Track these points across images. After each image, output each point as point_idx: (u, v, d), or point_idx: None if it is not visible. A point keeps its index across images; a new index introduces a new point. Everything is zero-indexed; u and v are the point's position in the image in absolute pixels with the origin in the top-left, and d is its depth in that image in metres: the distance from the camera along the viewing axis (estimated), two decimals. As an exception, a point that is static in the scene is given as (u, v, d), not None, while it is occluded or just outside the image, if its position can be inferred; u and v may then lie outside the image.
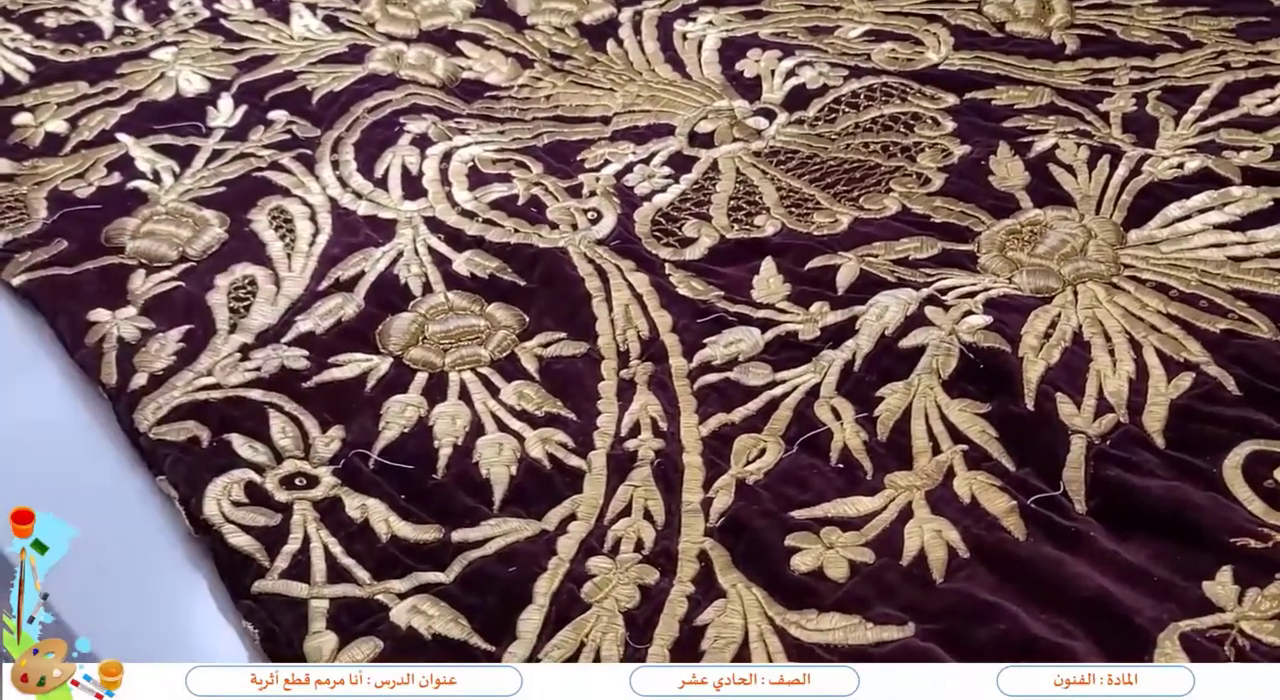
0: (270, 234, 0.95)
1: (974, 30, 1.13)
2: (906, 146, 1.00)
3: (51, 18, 1.23)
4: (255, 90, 1.11)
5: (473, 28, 1.18)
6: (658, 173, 0.99)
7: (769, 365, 0.82)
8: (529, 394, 0.82)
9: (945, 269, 0.89)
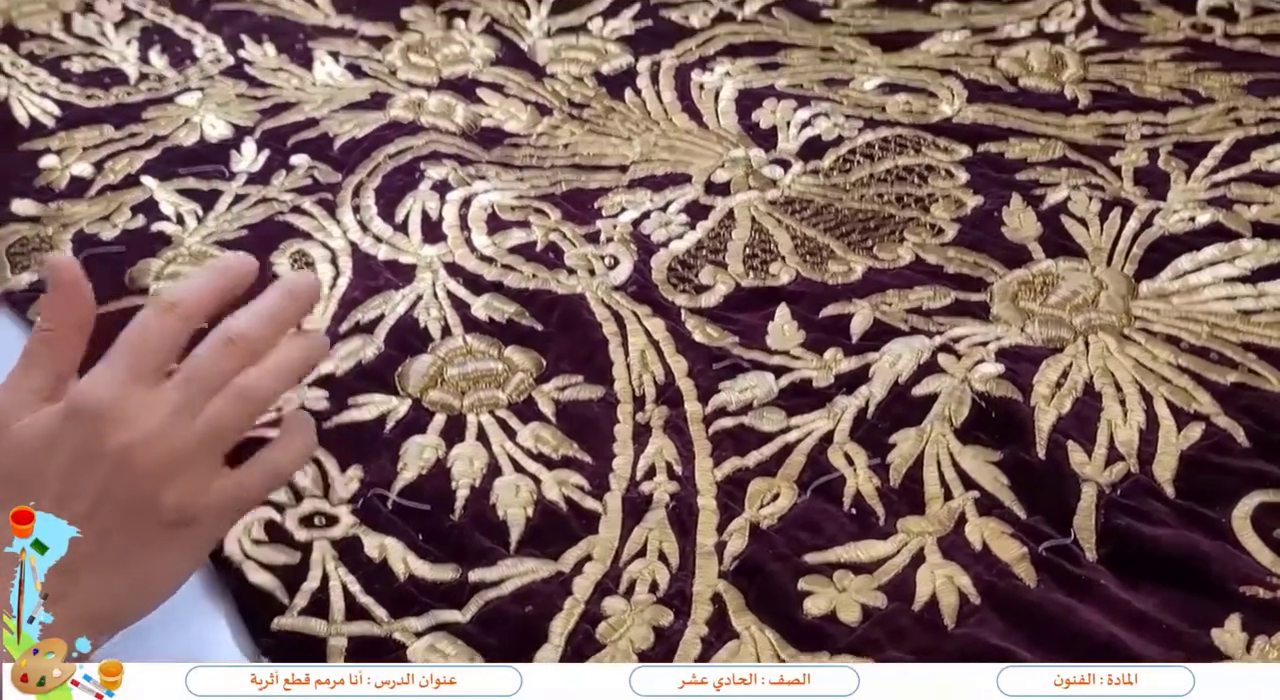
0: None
1: (987, 84, 1.15)
2: (920, 197, 1.01)
3: (78, 63, 1.24)
4: (278, 136, 1.12)
5: (492, 76, 1.20)
6: (674, 220, 1.00)
7: (783, 411, 0.83)
8: (546, 437, 0.82)
9: (958, 318, 0.90)
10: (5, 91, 1.19)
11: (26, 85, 1.20)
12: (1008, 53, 1.19)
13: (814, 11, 1.28)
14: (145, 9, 1.33)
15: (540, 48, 1.24)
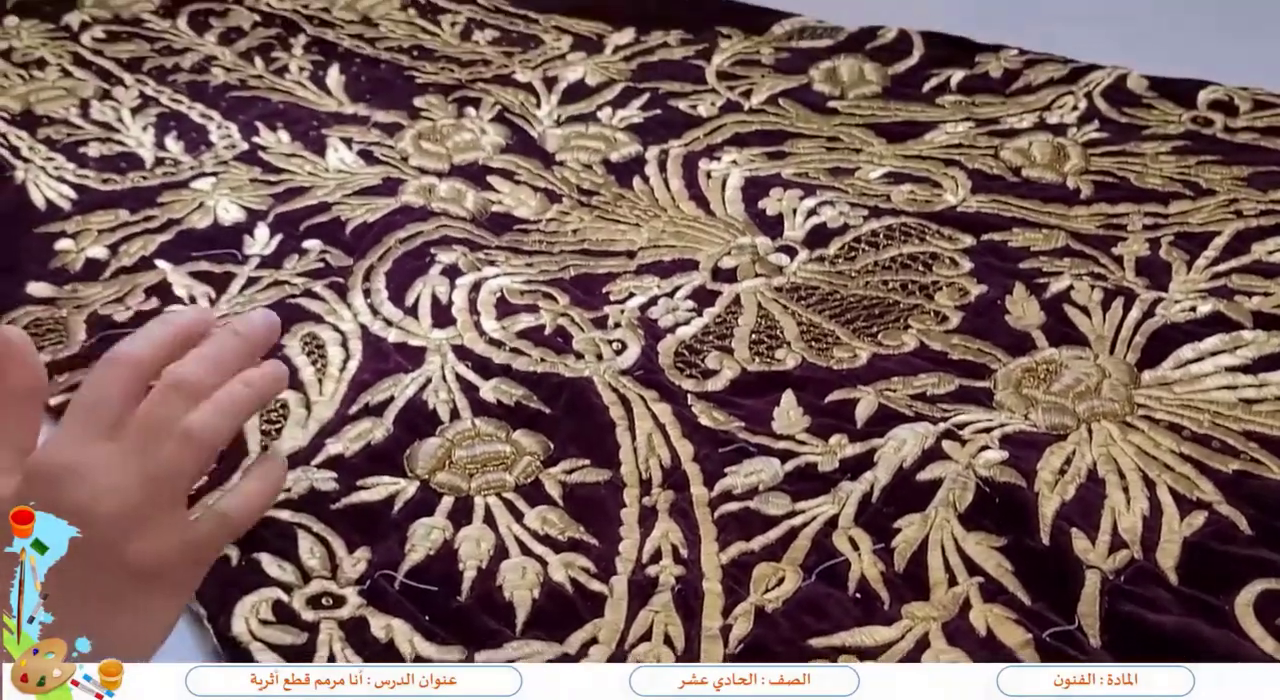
0: (302, 359, 0.97)
1: (991, 174, 1.16)
2: (925, 285, 1.02)
3: (95, 148, 1.26)
4: (291, 220, 1.14)
5: (503, 163, 1.22)
6: (681, 306, 1.02)
7: (788, 495, 0.84)
8: (553, 519, 0.83)
9: (962, 405, 0.90)
10: (23, 175, 1.21)
11: (44, 169, 1.22)
12: (1011, 144, 1.20)
13: (820, 102, 1.30)
14: (162, 95, 1.36)
15: (550, 136, 1.26)
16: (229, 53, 1.45)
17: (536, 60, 1.41)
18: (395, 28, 1.50)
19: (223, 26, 1.51)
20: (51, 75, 1.40)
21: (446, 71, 1.40)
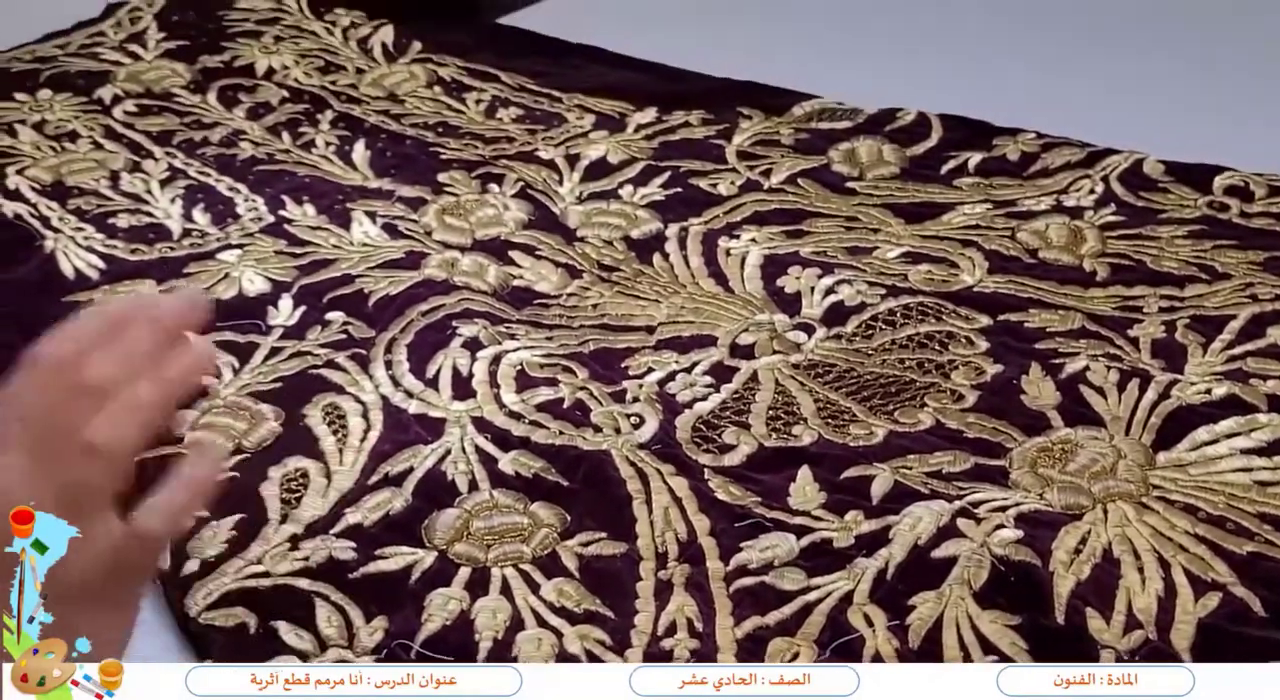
0: (323, 429, 0.98)
1: (1007, 255, 1.17)
2: (941, 364, 1.03)
3: (124, 219, 1.28)
4: (315, 292, 1.15)
5: (525, 238, 1.23)
6: (699, 381, 1.02)
7: (804, 571, 0.84)
8: (569, 591, 0.83)
9: (977, 483, 0.91)
10: (52, 245, 1.23)
11: (73, 239, 1.24)
12: (1028, 226, 1.22)
13: (839, 182, 1.32)
14: (191, 168, 1.38)
15: (572, 212, 1.28)
16: (257, 127, 1.47)
17: (559, 138, 1.43)
18: (421, 104, 1.53)
19: (251, 102, 1.54)
20: (83, 147, 1.42)
21: (470, 148, 1.42)
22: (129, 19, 1.74)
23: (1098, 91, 1.53)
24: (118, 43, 1.68)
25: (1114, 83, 1.55)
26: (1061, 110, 1.44)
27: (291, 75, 1.60)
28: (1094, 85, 1.55)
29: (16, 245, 1.24)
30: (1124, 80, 1.56)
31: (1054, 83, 1.56)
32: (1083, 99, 1.51)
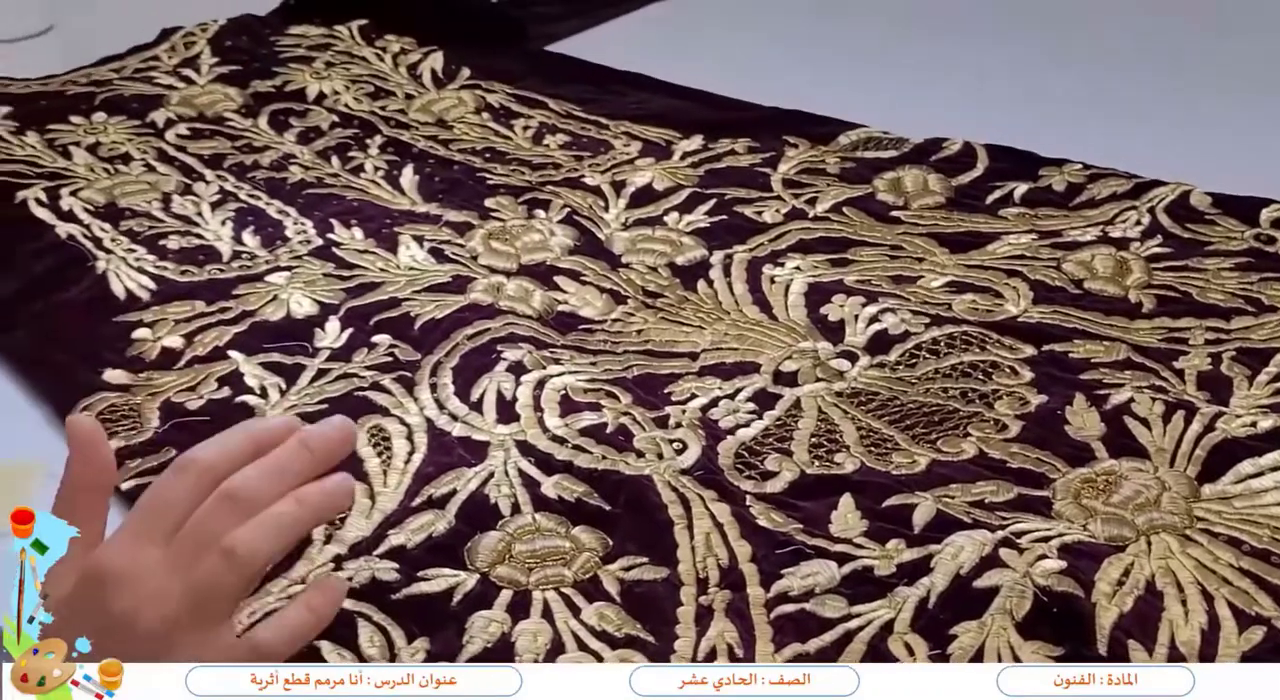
0: (368, 451, 0.98)
1: (1053, 286, 1.17)
2: (985, 393, 1.03)
3: (174, 240, 1.30)
4: (361, 315, 1.16)
5: (570, 264, 1.24)
6: (742, 408, 1.03)
7: (845, 598, 0.84)
8: (609, 615, 0.84)
9: (1021, 513, 0.91)
10: (104, 266, 1.24)
11: (125, 260, 1.26)
12: (1073, 257, 1.21)
13: (884, 211, 1.32)
14: (241, 191, 1.39)
15: (617, 238, 1.28)
16: (307, 151, 1.49)
17: (605, 165, 1.44)
18: (469, 130, 1.54)
19: (302, 126, 1.56)
20: (136, 170, 1.44)
21: (517, 174, 1.43)
22: (183, 44, 1.77)
23: (1144, 123, 1.53)
24: (171, 67, 1.71)
25: (1161, 116, 1.55)
26: (1107, 141, 1.44)
27: (342, 100, 1.62)
28: (1141, 118, 1.55)
29: (69, 266, 1.25)
30: (1172, 113, 1.56)
31: (1101, 115, 1.57)
32: (1129, 130, 1.51)
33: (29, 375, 1.11)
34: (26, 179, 1.41)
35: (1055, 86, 1.66)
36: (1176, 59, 1.72)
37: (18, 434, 1.04)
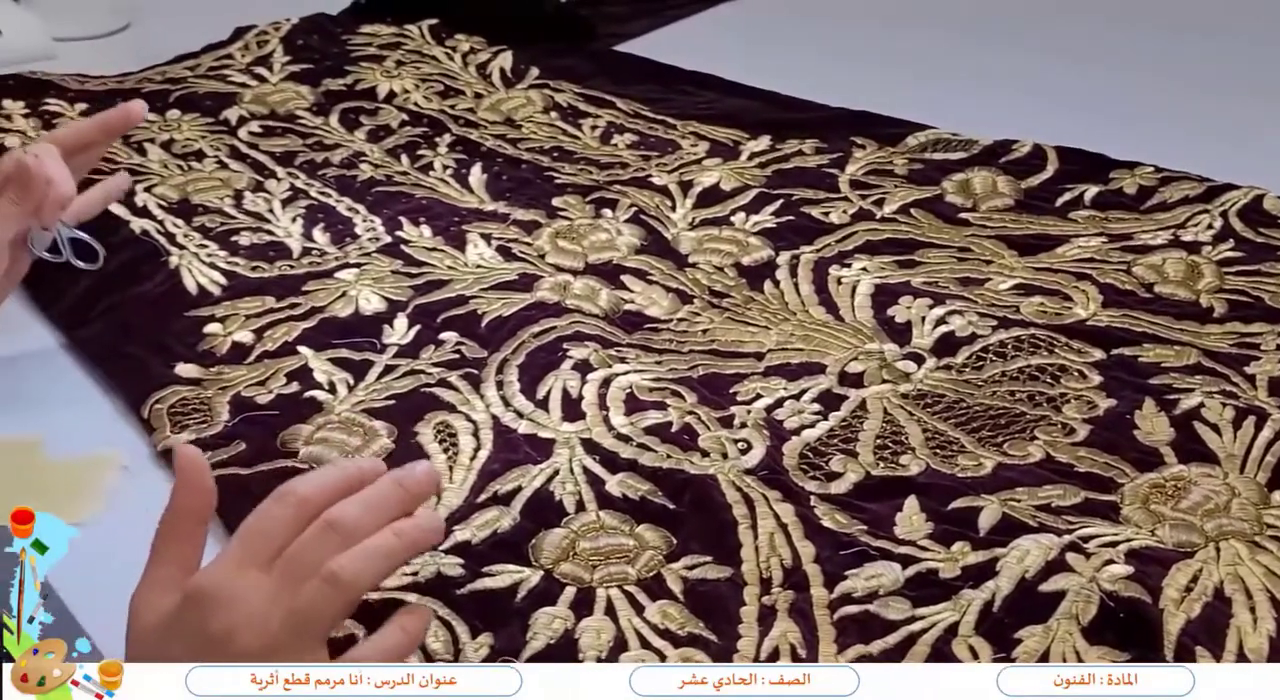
0: (434, 447, 0.99)
1: (1122, 289, 1.16)
2: (1052, 397, 1.02)
3: (246, 237, 1.31)
4: (429, 312, 1.17)
5: (637, 263, 1.24)
6: (807, 408, 1.03)
7: (909, 601, 0.84)
8: (673, 614, 0.84)
9: (1087, 518, 0.90)
10: (177, 261, 1.26)
11: (197, 256, 1.27)
12: (1144, 260, 1.20)
13: (952, 213, 1.32)
14: (311, 189, 1.41)
15: (684, 238, 1.29)
16: (377, 149, 1.50)
17: (673, 164, 1.44)
18: (537, 130, 1.55)
19: (372, 124, 1.57)
20: (208, 166, 1.46)
21: (585, 173, 1.43)
22: (256, 42, 1.79)
23: (1218, 126, 1.52)
24: (244, 65, 1.73)
25: (1233, 120, 1.54)
26: (1180, 144, 1.43)
27: (412, 99, 1.63)
28: (1213, 122, 1.54)
29: (143, 261, 1.27)
30: (1244, 117, 1.54)
31: (1172, 118, 1.55)
32: (1201, 132, 1.49)
33: (103, 368, 1.12)
34: (103, 175, 1.42)
35: (1125, 90, 1.64)
36: (1248, 64, 1.71)
37: (92, 426, 1.06)
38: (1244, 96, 1.60)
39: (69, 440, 1.03)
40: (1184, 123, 1.53)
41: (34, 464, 0.99)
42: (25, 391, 1.10)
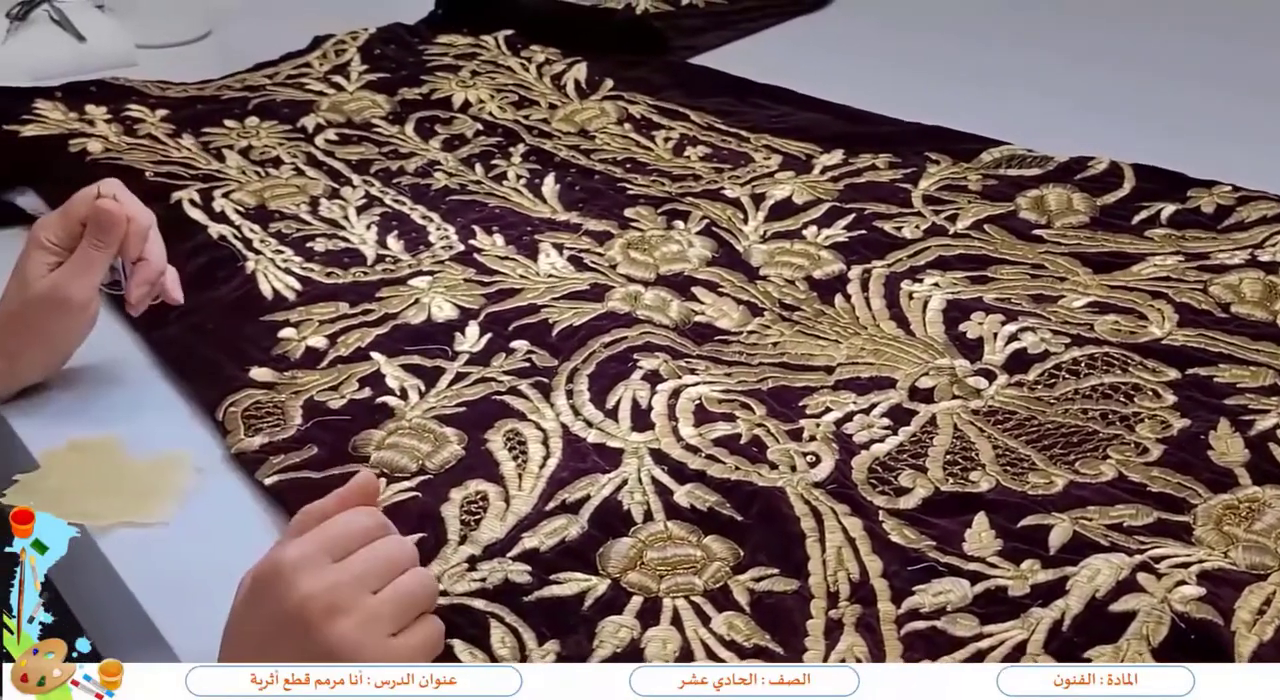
0: (504, 454, 1.00)
1: (1198, 308, 1.15)
2: (1125, 416, 1.02)
3: (321, 243, 1.33)
4: (500, 320, 1.17)
5: (708, 275, 1.24)
6: (877, 423, 1.02)
7: (977, 617, 0.83)
8: (739, 625, 0.84)
9: (1159, 538, 0.89)
10: (253, 266, 1.27)
11: (273, 261, 1.29)
12: (1220, 280, 1.19)
13: (1026, 229, 1.31)
14: (386, 196, 1.42)
15: (755, 251, 1.29)
16: (451, 158, 1.51)
17: (745, 177, 1.44)
18: (611, 141, 1.55)
19: (447, 133, 1.58)
20: (285, 173, 1.48)
21: (658, 184, 1.44)
22: (334, 51, 1.81)
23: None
24: (322, 73, 1.75)
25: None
26: (1258, 162, 1.41)
27: (486, 109, 1.64)
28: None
29: (219, 265, 1.28)
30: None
31: (1249, 138, 1.53)
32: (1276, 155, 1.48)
33: (179, 371, 1.14)
34: (181, 180, 1.45)
35: (1204, 107, 1.63)
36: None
37: (168, 429, 1.07)
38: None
39: (146, 442, 1.04)
40: (1262, 141, 1.51)
41: (112, 463, 1.01)
42: (103, 393, 1.12)
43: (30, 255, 1.03)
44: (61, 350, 1.08)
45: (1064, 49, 1.87)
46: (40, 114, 1.57)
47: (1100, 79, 1.74)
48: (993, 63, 1.83)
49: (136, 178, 1.41)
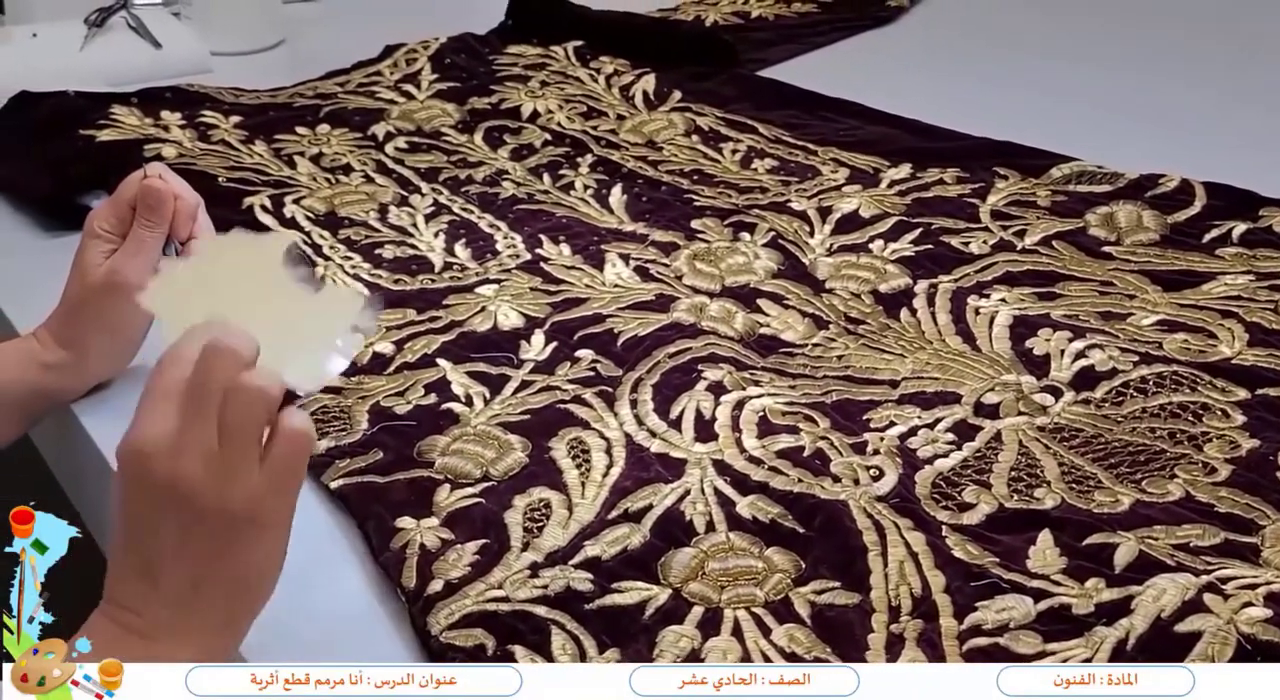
0: (567, 462, 1.00)
1: (1269, 329, 1.14)
2: (1194, 435, 1.01)
3: (389, 250, 1.34)
4: (566, 329, 1.18)
5: (773, 287, 1.25)
6: (941, 438, 1.02)
7: (1040, 635, 0.83)
8: (799, 638, 0.84)
9: (1226, 559, 0.88)
10: (323, 272, 1.29)
11: (342, 267, 1.30)
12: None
13: (1095, 246, 1.30)
14: (454, 205, 1.43)
15: (821, 264, 1.28)
16: (519, 168, 1.52)
17: (812, 190, 1.44)
18: (678, 152, 1.56)
19: (515, 143, 1.59)
20: (355, 180, 1.49)
21: (724, 196, 1.44)
22: (405, 60, 1.82)
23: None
24: (393, 82, 1.76)
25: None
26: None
27: (555, 119, 1.65)
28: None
29: (290, 270, 1.30)
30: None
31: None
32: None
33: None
34: (253, 186, 1.46)
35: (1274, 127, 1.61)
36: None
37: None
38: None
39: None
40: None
41: None
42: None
43: (86, 245, 1.04)
44: (126, 338, 1.08)
45: (1134, 66, 1.86)
46: (116, 119, 1.60)
47: (1172, 96, 1.73)
48: (1062, 78, 1.82)
49: (209, 183, 1.43)
